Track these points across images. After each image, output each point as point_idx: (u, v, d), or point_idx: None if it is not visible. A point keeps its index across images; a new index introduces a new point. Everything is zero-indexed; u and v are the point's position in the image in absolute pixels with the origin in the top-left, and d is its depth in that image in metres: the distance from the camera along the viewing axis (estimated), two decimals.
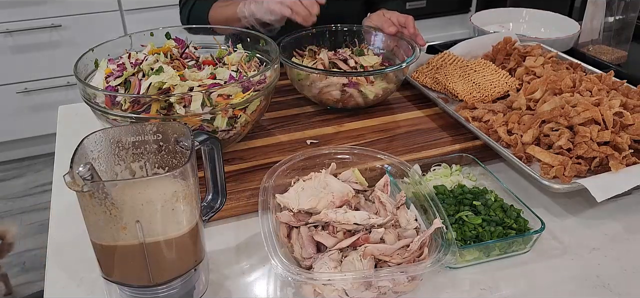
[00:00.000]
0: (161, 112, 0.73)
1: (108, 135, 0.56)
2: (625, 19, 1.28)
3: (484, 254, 0.64)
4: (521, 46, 1.10)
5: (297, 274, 0.55)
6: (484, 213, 0.67)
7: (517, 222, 0.66)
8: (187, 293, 0.58)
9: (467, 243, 0.64)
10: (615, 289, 0.61)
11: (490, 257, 0.65)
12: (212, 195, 0.63)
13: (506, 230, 0.65)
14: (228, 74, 0.81)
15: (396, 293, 0.59)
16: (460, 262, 0.64)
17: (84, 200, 0.50)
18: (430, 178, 0.76)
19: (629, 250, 0.67)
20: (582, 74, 0.96)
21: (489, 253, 0.64)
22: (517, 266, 0.65)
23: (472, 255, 0.64)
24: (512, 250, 0.66)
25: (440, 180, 0.75)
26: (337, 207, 0.63)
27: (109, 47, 0.87)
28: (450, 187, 0.73)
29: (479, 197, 0.70)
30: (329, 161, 0.72)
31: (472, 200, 0.69)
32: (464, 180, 0.75)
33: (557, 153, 0.76)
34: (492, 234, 0.64)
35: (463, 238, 0.64)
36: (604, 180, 0.71)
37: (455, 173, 0.77)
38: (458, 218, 0.67)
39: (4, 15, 2.24)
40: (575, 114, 0.78)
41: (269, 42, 0.89)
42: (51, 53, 2.37)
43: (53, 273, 0.64)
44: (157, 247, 0.52)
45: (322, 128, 0.92)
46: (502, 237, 0.64)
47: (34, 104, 2.46)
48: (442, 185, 0.73)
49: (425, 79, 1.02)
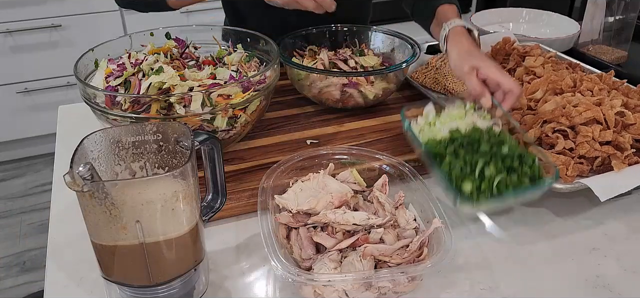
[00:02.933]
0: (161, 112, 0.73)
1: (108, 135, 0.56)
2: (625, 19, 1.28)
3: (499, 203, 0.67)
4: (520, 46, 1.10)
5: (298, 275, 0.55)
6: (500, 161, 0.67)
7: (532, 169, 0.66)
8: (187, 294, 0.58)
9: (484, 193, 0.65)
10: (615, 289, 0.61)
11: (504, 204, 0.69)
12: (212, 195, 0.63)
13: (521, 178, 0.66)
14: (228, 74, 0.81)
15: (396, 293, 0.59)
16: (477, 209, 0.69)
17: (84, 200, 0.50)
18: (445, 121, 0.75)
19: (629, 250, 0.67)
20: (582, 73, 0.96)
21: (504, 200, 0.66)
22: (517, 266, 0.65)
23: (487, 204, 0.66)
24: (526, 196, 0.67)
25: (455, 123, 0.74)
26: (336, 208, 0.63)
27: (109, 47, 0.87)
28: (464, 129, 0.72)
29: (495, 144, 0.69)
30: (327, 161, 0.72)
31: (490, 149, 0.69)
32: (478, 120, 0.74)
33: (559, 153, 0.76)
34: (507, 185, 0.65)
35: (478, 188, 0.65)
36: (606, 179, 0.71)
37: (469, 113, 0.75)
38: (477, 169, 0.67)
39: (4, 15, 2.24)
40: (577, 114, 0.78)
41: (269, 42, 0.89)
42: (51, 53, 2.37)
43: (53, 273, 0.64)
44: (157, 247, 0.52)
45: (322, 128, 0.92)
46: (518, 188, 0.65)
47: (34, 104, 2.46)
48: (457, 129, 0.72)
49: (425, 79, 1.02)
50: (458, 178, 0.66)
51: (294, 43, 1.04)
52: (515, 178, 0.65)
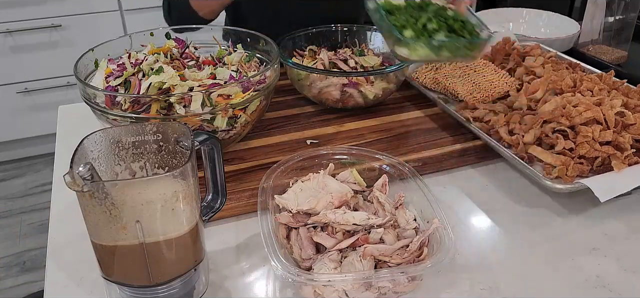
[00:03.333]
0: (161, 112, 0.73)
1: (108, 135, 0.56)
2: (625, 19, 1.28)
3: (434, 53, 0.74)
4: (520, 46, 1.10)
5: (298, 275, 0.55)
6: (443, 21, 0.77)
7: (471, 33, 0.76)
8: (187, 294, 0.58)
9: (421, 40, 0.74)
10: (615, 289, 0.61)
11: (439, 56, 0.75)
12: (212, 195, 0.63)
13: (459, 34, 0.76)
14: (228, 74, 0.81)
15: (396, 293, 0.59)
16: (414, 56, 0.74)
17: (84, 200, 0.50)
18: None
19: (629, 250, 0.67)
20: (582, 73, 0.96)
21: (439, 53, 0.74)
22: (517, 266, 0.65)
23: (424, 51, 0.73)
24: (461, 55, 0.75)
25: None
26: (336, 208, 0.63)
27: (109, 47, 0.87)
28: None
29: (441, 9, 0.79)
30: (327, 161, 0.72)
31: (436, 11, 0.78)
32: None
33: (559, 153, 0.76)
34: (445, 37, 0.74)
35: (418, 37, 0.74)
36: (606, 180, 0.71)
37: None
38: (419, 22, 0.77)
39: (4, 15, 2.24)
40: (577, 114, 0.78)
41: (269, 42, 0.89)
42: (51, 53, 2.37)
43: (53, 273, 0.64)
44: (157, 247, 0.52)
45: (322, 128, 0.92)
46: (452, 39, 0.74)
47: (34, 104, 2.46)
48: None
49: (425, 79, 1.02)
50: (402, 26, 0.76)
51: (294, 43, 1.04)
52: (454, 35, 0.75)
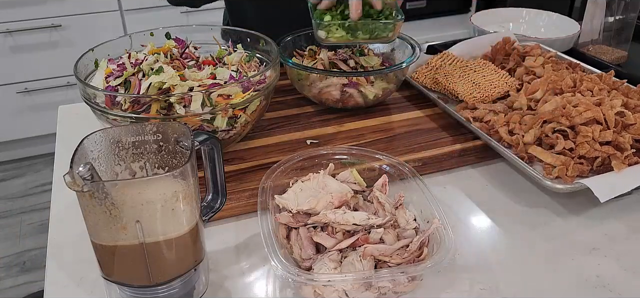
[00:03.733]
0: (161, 112, 0.73)
1: (108, 135, 0.56)
2: (625, 19, 1.28)
3: (350, 35, 0.85)
4: (520, 46, 1.10)
5: (298, 275, 0.55)
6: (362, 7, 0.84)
7: (387, 17, 0.86)
8: (187, 294, 0.58)
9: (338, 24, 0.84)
10: (615, 289, 0.61)
11: (356, 38, 0.86)
12: (212, 195, 0.63)
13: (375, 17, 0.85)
14: (228, 74, 0.81)
15: (396, 293, 0.59)
16: (332, 39, 0.85)
17: (84, 200, 0.50)
18: None
19: (629, 250, 0.67)
20: (582, 73, 0.96)
21: (355, 34, 0.85)
22: (517, 266, 0.65)
23: (340, 33, 0.84)
24: (376, 36, 0.86)
25: None
26: (336, 208, 0.63)
27: (109, 47, 0.87)
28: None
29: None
30: (327, 161, 0.72)
31: None
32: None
33: (559, 153, 0.76)
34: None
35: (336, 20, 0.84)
36: (606, 180, 0.71)
37: None
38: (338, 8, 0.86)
39: (4, 15, 2.24)
40: (577, 114, 0.78)
41: (269, 42, 0.89)
42: (51, 53, 2.38)
43: (53, 273, 0.64)
44: (157, 247, 0.52)
45: (322, 128, 0.92)
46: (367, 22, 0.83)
47: (34, 104, 2.46)
48: None
49: (424, 80, 1.02)
50: (321, 13, 0.85)
51: (294, 43, 1.04)
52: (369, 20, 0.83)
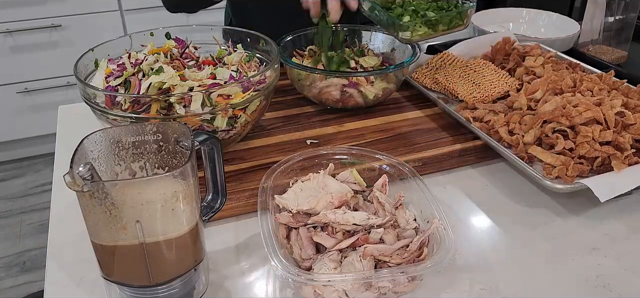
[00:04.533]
0: (161, 112, 0.73)
1: (108, 135, 0.56)
2: (625, 19, 1.28)
3: (431, 29, 0.87)
4: (520, 46, 1.10)
5: (298, 275, 0.55)
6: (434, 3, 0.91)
7: (456, 6, 0.90)
8: (187, 294, 0.58)
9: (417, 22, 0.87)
10: (615, 289, 0.61)
11: (437, 31, 0.88)
12: (212, 195, 0.63)
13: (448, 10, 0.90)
14: (228, 74, 0.81)
15: (396, 293, 0.59)
16: (416, 36, 0.88)
17: (84, 200, 0.50)
18: None
19: (629, 250, 0.67)
20: (582, 73, 0.96)
21: (436, 28, 0.87)
22: (517, 266, 0.65)
23: (423, 30, 0.87)
24: (454, 25, 0.89)
25: None
26: (336, 208, 0.63)
27: (109, 47, 0.87)
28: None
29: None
30: (327, 161, 0.72)
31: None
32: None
33: (559, 153, 0.76)
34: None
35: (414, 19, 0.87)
36: (606, 180, 0.71)
37: None
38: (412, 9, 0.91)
39: (4, 15, 2.24)
40: (577, 114, 0.78)
41: (269, 42, 0.89)
42: (51, 53, 2.38)
43: (53, 273, 0.64)
44: (157, 247, 0.52)
45: (322, 128, 0.92)
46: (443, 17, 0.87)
47: (34, 104, 2.46)
48: None
49: (424, 80, 1.02)
50: (399, 15, 0.90)
51: (294, 43, 1.04)
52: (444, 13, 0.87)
